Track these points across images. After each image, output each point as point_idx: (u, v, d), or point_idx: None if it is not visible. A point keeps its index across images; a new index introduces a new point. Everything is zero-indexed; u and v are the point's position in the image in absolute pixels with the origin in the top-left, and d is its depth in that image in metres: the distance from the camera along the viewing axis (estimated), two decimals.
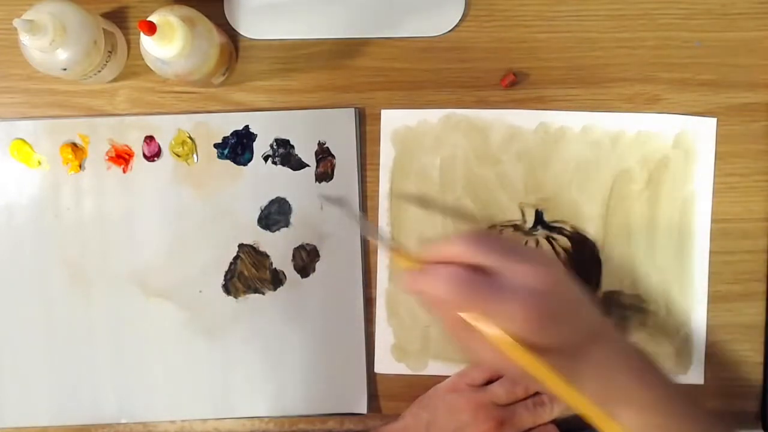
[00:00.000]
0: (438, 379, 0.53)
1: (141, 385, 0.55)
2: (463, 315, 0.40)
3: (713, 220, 0.54)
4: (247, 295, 0.55)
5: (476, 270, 0.40)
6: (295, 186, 0.54)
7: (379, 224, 0.54)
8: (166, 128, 0.55)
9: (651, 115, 0.54)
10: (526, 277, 0.39)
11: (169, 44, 0.45)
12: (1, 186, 0.55)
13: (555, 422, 0.52)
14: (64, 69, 0.48)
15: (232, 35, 0.54)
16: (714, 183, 0.54)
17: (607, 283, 0.54)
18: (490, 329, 0.39)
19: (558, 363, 0.40)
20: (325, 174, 0.54)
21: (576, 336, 0.41)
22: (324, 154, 0.54)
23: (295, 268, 0.55)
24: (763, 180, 0.54)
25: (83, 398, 0.55)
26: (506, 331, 0.39)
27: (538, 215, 0.54)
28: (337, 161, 0.54)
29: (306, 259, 0.55)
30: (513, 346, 0.39)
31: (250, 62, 0.55)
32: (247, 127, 0.54)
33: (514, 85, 0.54)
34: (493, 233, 0.44)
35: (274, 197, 0.54)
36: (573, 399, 0.39)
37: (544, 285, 0.39)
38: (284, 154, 0.54)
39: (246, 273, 0.55)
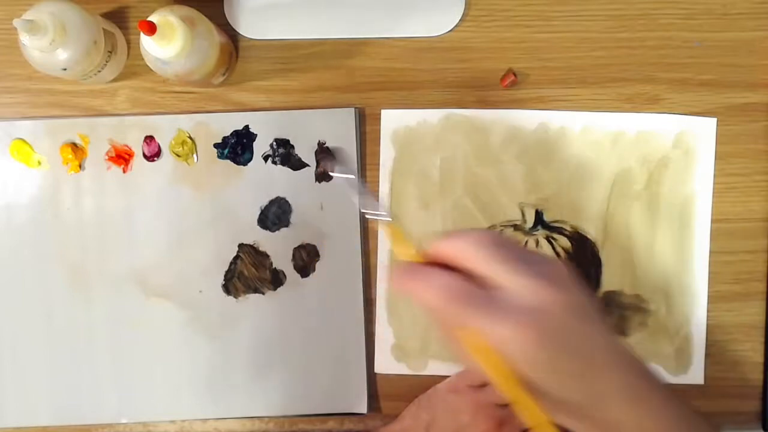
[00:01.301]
0: (438, 379, 0.53)
1: (141, 385, 0.55)
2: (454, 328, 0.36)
3: (713, 220, 0.54)
4: (247, 295, 0.55)
5: (473, 280, 0.35)
6: (295, 186, 0.54)
7: (380, 224, 0.54)
8: (166, 128, 0.55)
9: (651, 115, 0.54)
10: (529, 296, 0.34)
11: (169, 44, 0.45)
12: (1, 186, 0.55)
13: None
14: (64, 69, 0.48)
15: (232, 35, 0.54)
16: (714, 183, 0.54)
17: (607, 283, 0.54)
18: (478, 346, 0.35)
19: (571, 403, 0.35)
20: (325, 174, 0.54)
21: (586, 372, 0.35)
22: (324, 154, 0.54)
23: (295, 268, 0.55)
24: (763, 180, 0.54)
25: (83, 398, 0.55)
26: (499, 353, 0.34)
27: (538, 215, 0.54)
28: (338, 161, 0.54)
29: (306, 259, 0.55)
30: (497, 370, 0.35)
31: (250, 62, 0.55)
32: (247, 127, 0.54)
33: (514, 85, 0.54)
34: (501, 237, 0.37)
35: (274, 197, 0.55)
36: None
37: (550, 306, 0.34)
38: (284, 154, 0.54)
39: (246, 273, 0.55)
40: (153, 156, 0.55)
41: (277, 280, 0.55)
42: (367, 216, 0.40)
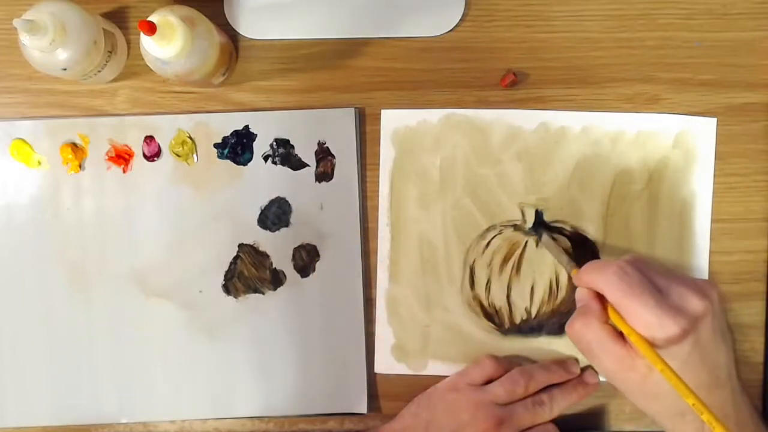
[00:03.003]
0: (438, 379, 0.53)
1: (141, 385, 0.55)
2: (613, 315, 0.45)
3: (713, 220, 0.54)
4: (247, 295, 0.55)
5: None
6: (295, 186, 0.54)
7: (379, 224, 0.54)
8: (166, 128, 0.55)
9: (651, 115, 0.54)
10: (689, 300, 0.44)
11: (169, 44, 0.45)
12: (1, 186, 0.55)
13: (554, 422, 0.52)
14: (64, 69, 0.48)
15: (232, 35, 0.54)
16: (714, 183, 0.54)
17: None
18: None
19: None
20: (325, 174, 0.54)
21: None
22: (324, 154, 0.54)
23: (295, 268, 0.55)
24: (763, 180, 0.54)
25: (83, 398, 0.55)
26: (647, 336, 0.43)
27: (538, 215, 0.54)
28: (337, 161, 0.54)
29: (306, 259, 0.55)
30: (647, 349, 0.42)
31: (250, 62, 0.55)
32: (247, 127, 0.54)
33: (514, 85, 0.54)
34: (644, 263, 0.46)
35: (274, 197, 0.55)
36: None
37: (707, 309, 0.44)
38: (284, 154, 0.54)
39: (246, 273, 0.55)
40: (153, 156, 0.55)
41: (277, 280, 0.55)
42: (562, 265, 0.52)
